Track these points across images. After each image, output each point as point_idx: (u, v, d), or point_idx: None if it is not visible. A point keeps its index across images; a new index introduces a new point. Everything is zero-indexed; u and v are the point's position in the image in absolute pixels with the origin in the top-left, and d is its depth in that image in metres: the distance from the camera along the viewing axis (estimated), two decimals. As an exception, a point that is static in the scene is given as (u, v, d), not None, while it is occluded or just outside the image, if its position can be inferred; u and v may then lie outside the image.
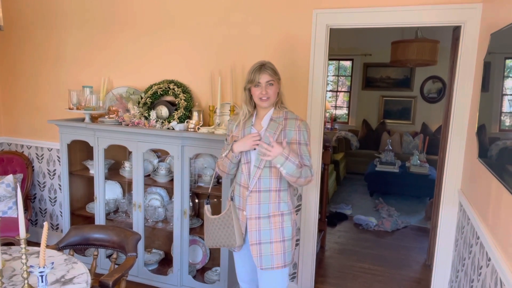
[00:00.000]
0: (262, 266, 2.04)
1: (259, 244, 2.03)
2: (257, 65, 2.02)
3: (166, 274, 3.04)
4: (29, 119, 3.79)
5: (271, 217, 2.03)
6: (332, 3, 2.69)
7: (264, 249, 2.03)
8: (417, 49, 4.59)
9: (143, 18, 3.22)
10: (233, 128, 2.14)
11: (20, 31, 3.68)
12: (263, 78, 1.98)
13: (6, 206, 3.31)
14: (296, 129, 2.00)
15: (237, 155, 2.03)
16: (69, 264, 1.90)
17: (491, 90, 1.97)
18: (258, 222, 2.03)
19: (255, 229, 2.03)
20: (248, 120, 2.10)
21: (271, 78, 1.99)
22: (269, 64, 2.03)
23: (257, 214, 2.03)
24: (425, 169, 5.94)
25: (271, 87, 2.00)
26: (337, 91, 8.53)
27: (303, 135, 2.01)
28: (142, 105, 3.09)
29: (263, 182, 2.01)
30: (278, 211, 2.04)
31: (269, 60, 2.11)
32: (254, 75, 1.99)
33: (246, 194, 2.04)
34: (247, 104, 2.09)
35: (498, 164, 1.71)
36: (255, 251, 2.04)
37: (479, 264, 1.91)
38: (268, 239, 2.02)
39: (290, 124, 2.01)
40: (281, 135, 2.00)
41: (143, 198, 3.01)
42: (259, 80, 1.99)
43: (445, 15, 2.48)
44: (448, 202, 2.65)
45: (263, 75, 1.98)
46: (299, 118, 2.05)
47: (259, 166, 2.00)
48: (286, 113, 2.06)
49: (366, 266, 3.71)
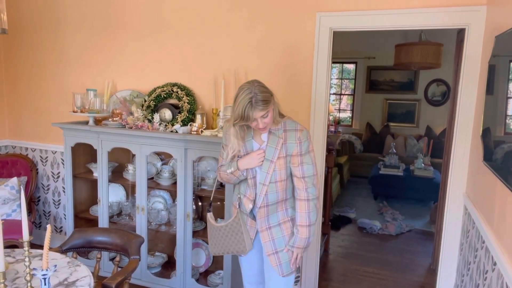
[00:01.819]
0: (284, 273, 2.04)
1: (276, 253, 2.03)
2: (246, 101, 1.80)
3: (169, 277, 3.03)
4: (33, 122, 3.81)
5: (282, 224, 2.04)
6: (335, 6, 2.69)
7: (282, 257, 2.03)
8: (421, 52, 4.57)
9: (147, 22, 3.23)
10: (230, 139, 2.00)
11: (24, 34, 3.70)
12: (257, 114, 1.82)
13: (10, 209, 3.32)
14: (297, 142, 1.93)
15: (243, 172, 2.01)
16: (72, 267, 1.90)
17: (496, 93, 1.95)
18: (270, 232, 2.03)
19: (269, 239, 2.03)
20: (246, 134, 2.01)
21: (264, 111, 1.83)
22: (258, 95, 1.80)
23: (267, 225, 2.03)
24: (430, 172, 5.91)
25: (268, 116, 1.87)
26: (341, 94, 8.52)
27: (304, 145, 1.94)
28: (146, 108, 3.10)
29: (269, 197, 2.00)
30: (287, 217, 2.05)
31: (272, 63, 2.09)
32: (247, 113, 1.81)
33: (249, 206, 2.04)
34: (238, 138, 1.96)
35: (503, 168, 1.69)
36: (274, 260, 2.03)
37: (485, 268, 1.89)
38: (284, 247, 2.03)
39: (290, 137, 1.94)
40: (283, 150, 1.94)
41: (146, 201, 3.01)
42: (254, 117, 1.83)
43: (449, 18, 2.47)
44: (453, 206, 2.63)
45: (255, 112, 1.81)
46: (299, 129, 1.95)
47: (265, 183, 1.98)
48: (284, 124, 1.97)
49: (370, 270, 3.69)
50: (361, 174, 7.19)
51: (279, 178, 1.98)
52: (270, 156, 1.95)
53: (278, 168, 1.96)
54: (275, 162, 1.95)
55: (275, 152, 1.95)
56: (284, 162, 1.96)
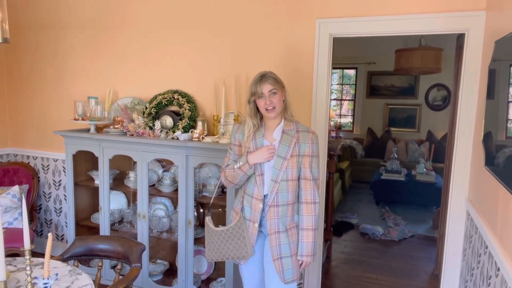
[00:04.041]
0: (285, 279, 2.02)
1: (280, 258, 2.02)
2: (258, 76, 2.00)
3: (170, 285, 3.02)
4: (35, 130, 3.82)
5: (288, 230, 2.03)
6: (335, 12, 2.70)
7: (286, 263, 2.02)
8: (421, 57, 4.59)
9: (148, 29, 3.25)
10: (239, 138, 2.10)
11: (25, 42, 3.73)
12: (265, 88, 1.97)
13: (12, 217, 3.31)
14: (309, 142, 2.01)
15: (251, 167, 2.00)
16: (73, 275, 1.89)
17: (497, 97, 1.95)
18: (278, 236, 2.01)
19: (276, 243, 2.01)
20: (257, 131, 2.06)
21: (273, 87, 1.97)
22: (270, 74, 2.01)
23: (276, 229, 2.01)
24: (431, 177, 5.89)
25: (275, 96, 1.98)
26: (342, 99, 8.53)
27: (315, 147, 2.03)
28: (147, 115, 3.10)
29: (280, 196, 2.00)
30: (293, 223, 2.05)
31: (273, 69, 2.11)
32: (256, 87, 1.98)
33: (259, 206, 2.02)
34: (252, 118, 2.05)
35: (505, 172, 1.69)
36: (278, 266, 2.02)
37: (488, 274, 1.88)
38: (289, 253, 2.02)
39: (303, 137, 2.02)
40: (296, 148, 2.00)
41: (147, 208, 3.01)
42: (262, 90, 1.97)
43: (449, 23, 2.48)
44: (455, 211, 2.62)
45: (264, 85, 1.97)
46: (311, 131, 2.06)
47: (277, 180, 1.98)
48: (296, 125, 2.06)
49: (373, 276, 3.67)
50: (362, 179, 7.17)
51: (291, 177, 1.99)
52: (283, 153, 1.98)
53: (290, 166, 1.98)
54: (288, 160, 1.98)
55: (288, 150, 1.98)
56: (297, 161, 2.00)
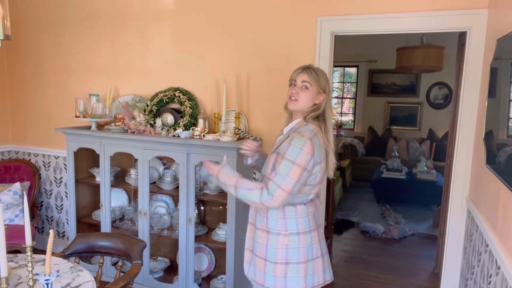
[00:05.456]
0: (249, 273, 1.95)
1: (251, 251, 1.95)
2: (303, 66, 1.87)
3: (171, 282, 3.03)
4: (36, 127, 3.83)
5: (259, 230, 1.88)
6: (336, 10, 2.70)
7: (252, 259, 1.93)
8: (422, 55, 4.58)
9: (150, 27, 3.25)
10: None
11: (27, 40, 3.73)
12: (300, 77, 1.82)
13: (13, 214, 3.32)
14: (288, 142, 1.76)
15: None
16: (74, 272, 1.90)
17: (498, 95, 1.95)
18: (254, 229, 1.94)
19: (251, 235, 1.95)
20: None
21: (308, 79, 1.81)
22: (315, 68, 1.86)
23: (253, 221, 1.95)
24: (432, 175, 5.89)
25: (306, 91, 1.81)
26: (343, 97, 8.52)
27: (291, 149, 1.72)
28: (148, 112, 3.11)
29: None
30: (266, 227, 1.85)
31: (274, 67, 2.10)
32: (294, 73, 1.86)
33: None
34: (286, 108, 1.93)
35: (506, 171, 1.69)
36: (247, 257, 1.96)
37: (489, 272, 1.88)
38: (256, 252, 1.89)
39: (290, 137, 1.78)
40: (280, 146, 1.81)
41: (148, 206, 3.01)
42: (295, 78, 1.84)
43: (451, 21, 2.47)
44: (456, 209, 2.62)
45: (301, 74, 1.83)
46: (301, 132, 1.76)
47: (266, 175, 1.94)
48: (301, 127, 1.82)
49: (374, 274, 3.67)
50: (363, 177, 7.16)
51: (267, 174, 1.84)
52: (274, 148, 1.89)
53: (268, 162, 1.87)
54: (271, 156, 1.85)
55: (274, 146, 1.89)
56: (274, 158, 1.81)
